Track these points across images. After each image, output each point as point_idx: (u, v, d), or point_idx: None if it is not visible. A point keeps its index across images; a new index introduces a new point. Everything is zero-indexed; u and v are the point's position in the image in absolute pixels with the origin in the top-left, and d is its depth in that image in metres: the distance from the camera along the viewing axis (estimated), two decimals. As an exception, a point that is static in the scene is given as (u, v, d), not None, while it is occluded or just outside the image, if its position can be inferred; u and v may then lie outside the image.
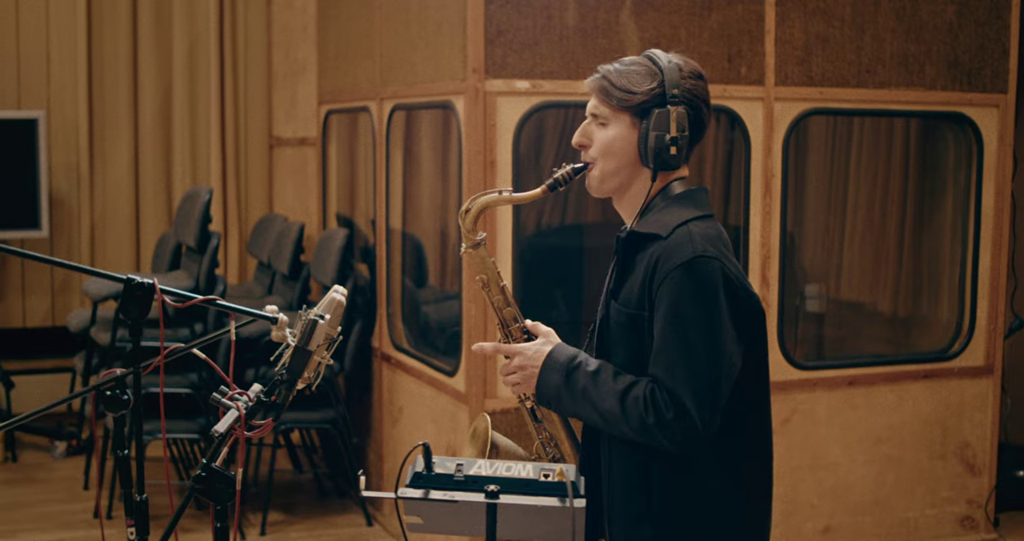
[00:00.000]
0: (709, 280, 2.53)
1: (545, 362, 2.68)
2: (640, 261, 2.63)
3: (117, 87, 7.57)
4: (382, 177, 5.96)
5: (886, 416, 5.56)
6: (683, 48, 5.05)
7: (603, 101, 2.69)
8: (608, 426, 2.60)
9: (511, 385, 2.76)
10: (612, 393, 2.56)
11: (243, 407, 2.70)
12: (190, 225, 6.26)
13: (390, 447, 5.97)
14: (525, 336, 2.80)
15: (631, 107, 2.65)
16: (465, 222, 2.80)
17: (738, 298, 2.57)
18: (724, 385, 2.53)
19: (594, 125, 2.72)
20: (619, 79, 2.67)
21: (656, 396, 2.50)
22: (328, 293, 2.78)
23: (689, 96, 2.65)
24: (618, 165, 2.69)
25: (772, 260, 5.28)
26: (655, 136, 2.62)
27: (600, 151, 2.70)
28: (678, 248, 2.56)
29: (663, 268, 2.55)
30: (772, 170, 5.24)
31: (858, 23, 5.31)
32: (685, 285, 2.52)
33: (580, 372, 2.62)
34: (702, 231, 2.60)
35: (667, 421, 2.48)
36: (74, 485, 6.52)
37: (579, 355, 2.67)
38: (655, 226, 2.63)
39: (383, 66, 5.86)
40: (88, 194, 7.54)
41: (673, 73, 2.65)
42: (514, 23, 4.85)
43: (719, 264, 2.55)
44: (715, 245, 2.59)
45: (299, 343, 2.70)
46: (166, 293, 2.90)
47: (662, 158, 2.64)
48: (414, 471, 2.35)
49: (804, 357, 5.83)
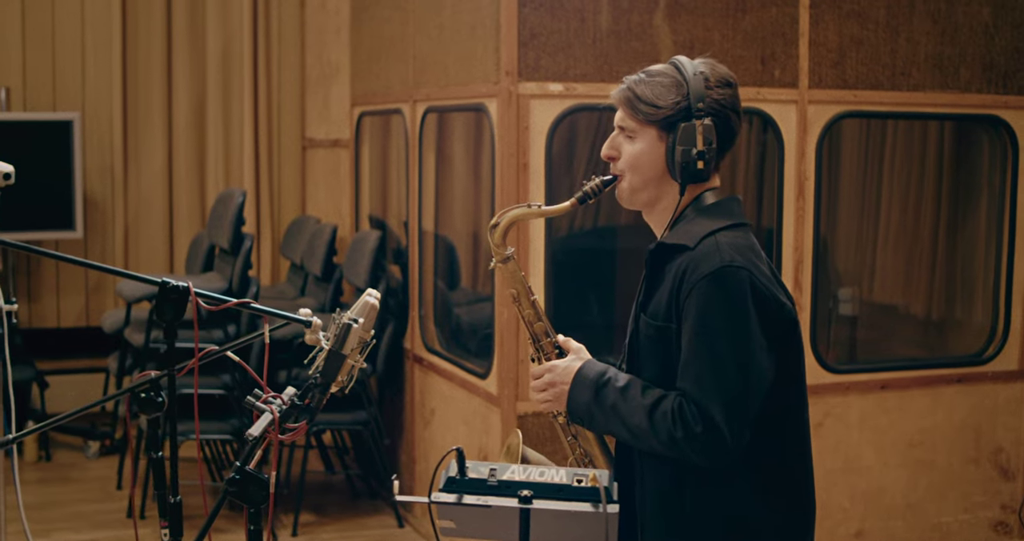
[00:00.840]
0: (737, 290, 2.50)
1: (575, 379, 2.66)
2: (668, 272, 2.60)
3: (151, 89, 7.62)
4: (415, 179, 5.97)
5: (919, 420, 5.53)
6: (716, 51, 5.04)
7: (629, 114, 2.67)
8: (638, 442, 2.59)
9: (541, 402, 2.75)
10: (640, 408, 2.54)
11: (277, 410, 2.71)
12: (223, 227, 6.29)
13: (422, 449, 5.99)
14: (556, 351, 2.78)
15: (657, 121, 2.62)
16: (494, 237, 2.78)
17: (768, 307, 2.53)
18: (754, 397, 2.50)
19: (622, 137, 2.70)
20: (644, 92, 2.64)
21: (684, 410, 2.48)
22: (361, 297, 2.79)
23: (716, 107, 2.62)
24: (646, 178, 2.67)
25: (805, 264, 5.26)
26: (681, 151, 2.60)
27: (628, 165, 2.68)
28: (705, 258, 2.53)
29: (690, 279, 2.52)
30: (805, 173, 5.23)
31: (892, 25, 5.29)
32: (712, 295, 2.50)
33: (609, 388, 2.61)
34: (730, 241, 2.57)
35: (696, 435, 2.46)
36: (107, 485, 6.56)
37: (608, 371, 2.65)
38: (683, 237, 2.61)
39: (416, 68, 5.88)
40: (122, 195, 7.59)
41: (698, 84, 2.61)
42: (547, 26, 4.85)
43: (747, 273, 2.52)
44: (743, 254, 2.55)
45: (333, 347, 2.71)
46: (200, 296, 2.91)
47: (690, 172, 2.61)
48: (447, 476, 2.35)
49: (836, 360, 5.81)
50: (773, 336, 2.55)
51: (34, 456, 6.98)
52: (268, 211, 7.76)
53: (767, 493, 2.63)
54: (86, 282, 7.67)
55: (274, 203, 7.83)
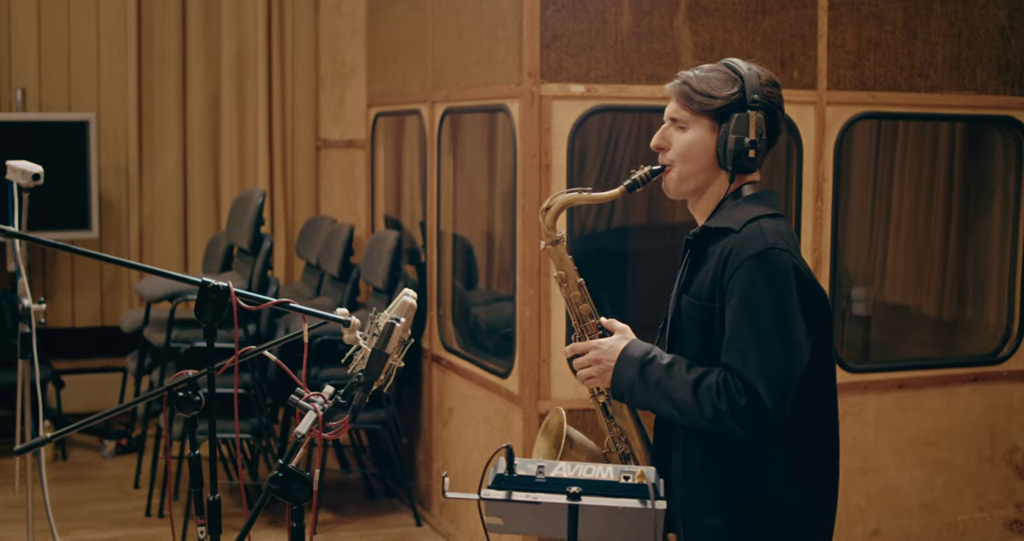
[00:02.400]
0: (781, 271, 2.58)
1: (621, 356, 2.74)
2: (712, 254, 2.70)
3: (166, 90, 7.65)
4: (433, 180, 6.00)
5: (935, 419, 5.57)
6: (736, 52, 5.07)
7: (683, 105, 2.77)
8: (682, 416, 2.65)
9: (585, 379, 2.82)
10: (685, 383, 2.62)
11: (320, 409, 2.75)
12: (243, 227, 6.32)
13: (439, 448, 6.02)
14: (600, 332, 2.86)
15: (711, 111, 2.73)
16: (546, 219, 2.87)
17: (809, 291, 2.62)
18: (795, 374, 2.57)
19: (673, 129, 2.80)
20: (700, 84, 2.75)
21: (729, 383, 2.56)
22: (399, 297, 2.83)
23: (767, 102, 2.74)
24: (696, 168, 2.76)
25: (823, 265, 5.30)
26: (735, 139, 2.70)
27: (679, 154, 2.77)
28: (750, 240, 2.62)
29: (735, 259, 2.61)
30: (824, 175, 5.26)
31: (910, 27, 5.33)
32: (757, 275, 2.58)
33: (654, 365, 2.68)
34: (773, 227, 2.66)
35: (740, 407, 2.54)
36: (124, 483, 6.59)
37: (653, 349, 2.74)
38: (727, 221, 2.70)
39: (435, 69, 5.91)
40: (137, 195, 7.63)
41: (753, 79, 2.73)
42: (569, 28, 4.89)
43: (790, 256, 2.61)
44: (786, 240, 2.65)
45: (376, 346, 2.75)
46: (240, 296, 2.94)
47: (740, 161, 2.71)
48: (496, 472, 2.39)
49: (851, 360, 5.84)
50: (812, 320, 2.63)
51: (50, 455, 7.01)
52: (282, 211, 7.80)
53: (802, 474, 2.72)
54: (101, 282, 7.71)
55: (288, 203, 7.87)
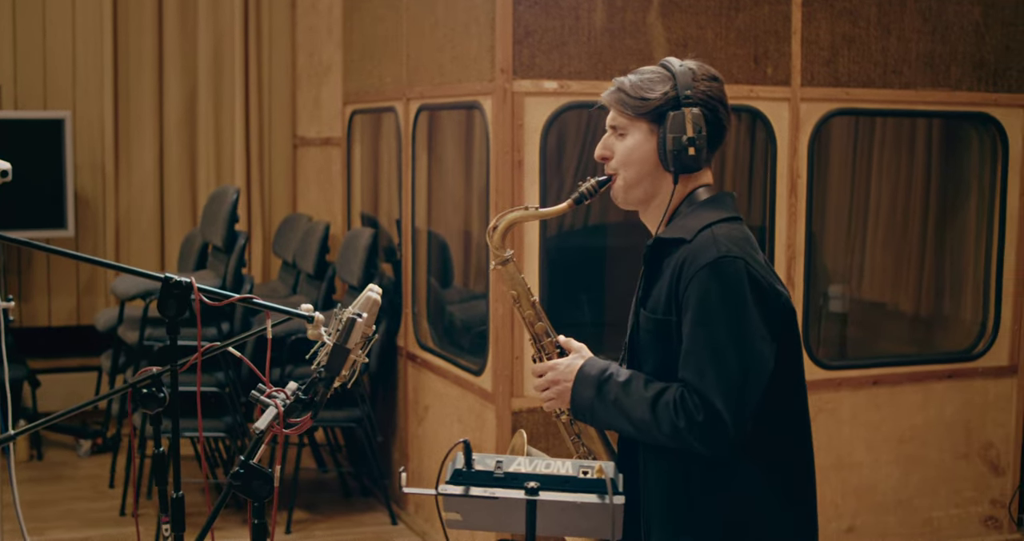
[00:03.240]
0: (734, 280, 2.54)
1: (577, 376, 2.70)
2: (666, 266, 2.65)
3: (142, 87, 7.61)
4: (408, 177, 5.98)
5: (910, 416, 5.57)
6: (709, 48, 5.07)
7: (620, 112, 2.73)
8: (642, 435, 2.62)
9: (545, 401, 2.78)
10: (643, 401, 2.57)
11: (282, 404, 2.73)
12: (217, 224, 6.29)
13: (415, 446, 6.00)
14: (558, 350, 2.82)
15: (646, 113, 2.68)
16: (493, 240, 2.83)
17: (766, 297, 2.57)
18: (754, 385, 2.53)
19: (614, 137, 2.75)
20: (633, 88, 2.70)
21: (686, 399, 2.52)
22: (364, 292, 2.81)
23: (703, 97, 2.68)
24: (640, 173, 2.72)
25: (797, 261, 5.29)
26: (672, 138, 2.65)
27: (621, 161, 2.73)
28: (702, 250, 2.57)
29: (688, 271, 2.57)
30: (798, 171, 5.26)
31: (884, 23, 5.33)
32: (711, 286, 2.53)
33: (611, 383, 2.64)
34: (726, 233, 2.61)
35: (698, 423, 2.49)
36: (99, 483, 6.56)
37: (610, 367, 2.69)
38: (680, 230, 2.65)
39: (410, 67, 5.89)
40: (113, 194, 7.59)
41: (685, 76, 2.68)
42: (542, 24, 4.87)
43: (743, 263, 2.55)
44: (740, 245, 2.59)
45: (338, 341, 2.73)
46: (203, 292, 2.92)
47: (681, 160, 2.66)
48: (454, 468, 2.37)
49: (827, 357, 5.84)
50: (772, 326, 2.58)
51: (25, 455, 6.98)
52: (259, 209, 7.77)
53: (774, 487, 2.66)
54: (77, 281, 7.67)
55: (265, 201, 7.84)
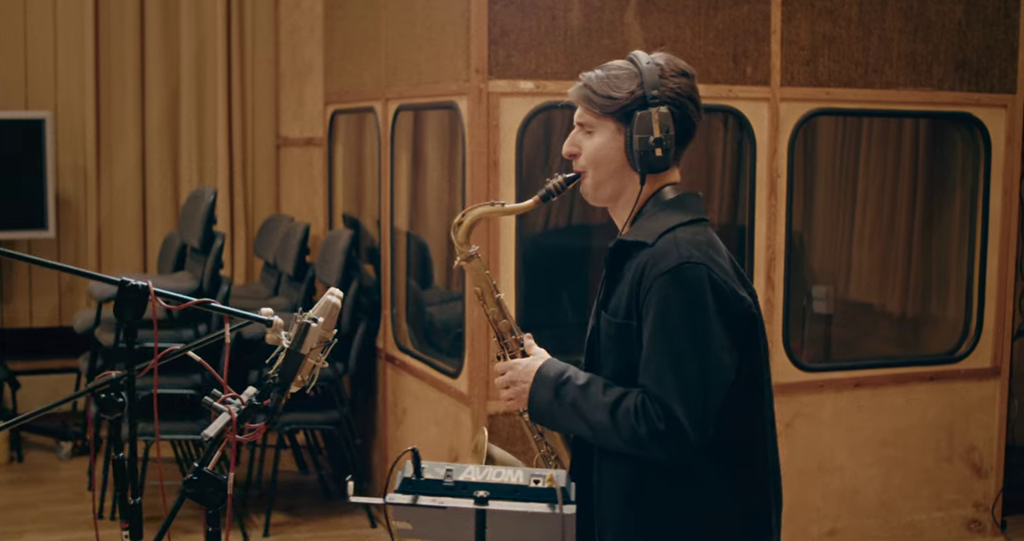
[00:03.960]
0: (696, 287, 2.50)
1: (536, 377, 2.66)
2: (628, 270, 2.60)
3: (124, 87, 7.56)
4: (387, 177, 5.94)
5: (892, 418, 5.53)
6: (688, 48, 5.02)
7: (587, 109, 2.68)
8: (600, 439, 2.58)
9: (505, 401, 2.75)
10: (602, 406, 2.53)
11: (235, 411, 2.68)
12: (194, 226, 6.24)
13: (394, 449, 5.95)
14: (522, 348, 2.78)
15: (613, 112, 2.63)
16: (458, 235, 2.78)
17: (728, 303, 2.53)
18: (715, 393, 2.49)
19: (582, 134, 2.71)
20: (600, 85, 2.65)
21: (647, 406, 2.47)
22: (324, 296, 2.77)
23: (672, 95, 2.62)
24: (608, 172, 2.67)
25: (777, 262, 5.25)
26: (639, 139, 2.60)
27: (589, 160, 2.69)
28: (664, 255, 2.53)
29: (649, 275, 2.52)
30: (777, 171, 5.21)
31: (865, 23, 5.28)
32: (671, 292, 2.49)
33: (569, 386, 2.60)
34: (689, 237, 2.57)
35: (659, 431, 2.45)
36: (79, 485, 6.51)
37: (568, 369, 2.65)
38: (642, 233, 2.60)
39: (388, 66, 5.85)
40: (95, 195, 7.53)
41: (652, 73, 2.61)
42: (518, 23, 4.83)
43: (705, 269, 2.51)
44: (701, 250, 2.55)
45: (292, 346, 2.69)
46: (160, 296, 2.87)
47: (649, 161, 2.61)
48: (403, 476, 2.33)
49: (812, 358, 5.80)
50: (734, 333, 2.54)
51: (5, 457, 6.93)
52: (242, 210, 7.72)
53: (732, 493, 2.62)
54: (59, 282, 7.61)
55: (248, 202, 7.79)
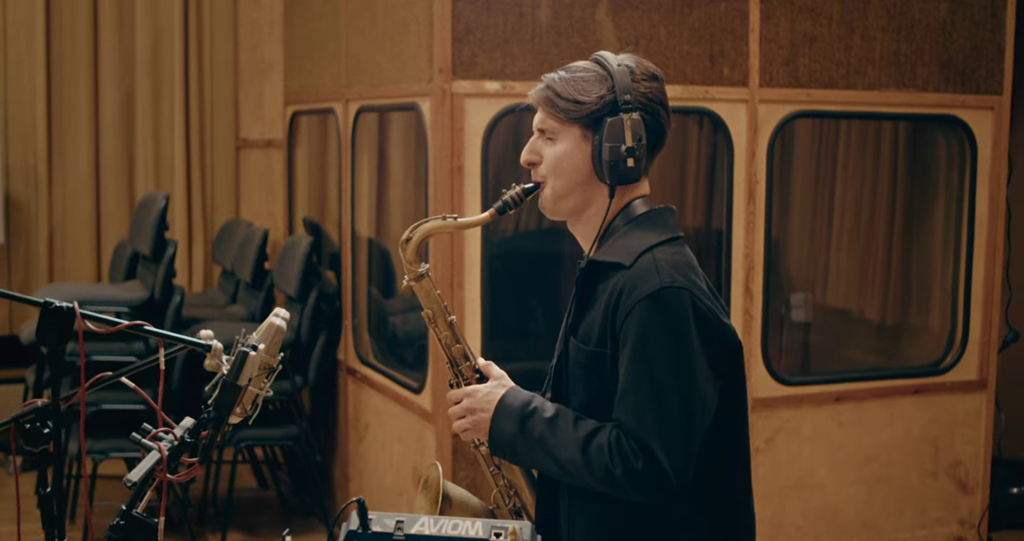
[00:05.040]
0: (678, 313, 2.27)
1: (498, 407, 2.41)
2: (601, 293, 2.37)
3: (77, 85, 7.25)
4: (348, 182, 5.68)
5: (875, 433, 5.31)
6: (662, 47, 4.79)
7: (550, 114, 2.43)
8: (570, 477, 2.35)
9: (461, 431, 2.49)
10: (573, 441, 2.30)
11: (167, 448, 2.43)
12: (145, 233, 5.96)
13: (356, 466, 5.69)
14: (477, 375, 2.53)
15: (580, 118, 2.40)
16: (406, 253, 2.53)
17: (711, 331, 2.31)
18: (698, 429, 2.28)
19: (542, 140, 2.46)
20: (565, 88, 2.41)
21: (623, 443, 2.25)
22: (267, 318, 2.53)
23: (644, 100, 2.40)
24: (571, 183, 2.44)
25: (756, 271, 5.02)
26: (609, 148, 2.37)
27: (550, 169, 2.45)
28: (643, 278, 2.30)
29: (627, 301, 2.29)
30: (756, 176, 4.98)
31: (847, 21, 5.06)
32: (651, 319, 2.27)
33: (536, 418, 2.36)
34: (669, 258, 2.34)
35: (636, 471, 2.23)
36: (27, 502, 6.23)
37: (534, 399, 2.41)
38: (617, 253, 2.37)
39: (348, 66, 5.59)
40: (46, 198, 7.22)
41: (624, 76, 2.39)
42: (483, 21, 4.58)
43: (688, 295, 2.29)
44: (684, 273, 2.33)
45: (228, 377, 2.44)
46: (88, 318, 2.62)
47: (619, 172, 2.39)
48: (348, 529, 2.08)
49: (789, 367, 5.59)
50: (717, 363, 2.32)
51: (-49, 471, 6.66)
52: (200, 214, 7.43)
53: (707, 529, 2.41)
54: (9, 288, 7.31)
55: (207, 206, 7.50)
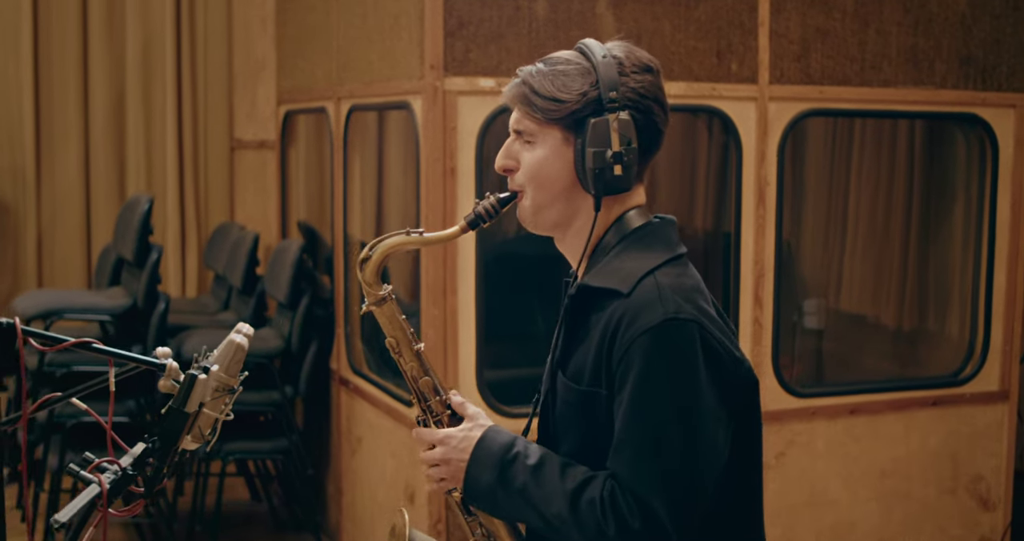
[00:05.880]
0: (685, 349, 1.98)
1: (474, 453, 2.12)
2: (595, 323, 2.08)
3: (66, 85, 7.01)
4: (340, 183, 5.45)
5: (891, 447, 5.07)
6: (667, 42, 4.55)
7: (526, 113, 2.14)
8: (556, 533, 2.06)
9: (434, 481, 2.20)
10: (560, 494, 2.02)
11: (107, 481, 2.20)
12: (128, 237, 5.73)
13: (349, 479, 5.46)
14: (448, 412, 2.24)
15: (560, 119, 2.11)
16: (366, 274, 2.24)
17: (723, 369, 2.02)
18: (705, 482, 1.99)
19: (519, 143, 2.18)
20: (543, 84, 2.12)
21: (617, 499, 1.97)
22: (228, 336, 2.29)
23: (634, 97, 2.10)
24: (552, 194, 2.15)
25: (766, 278, 4.77)
26: (593, 153, 2.08)
27: (529, 177, 2.16)
28: (645, 308, 2.01)
29: (626, 334, 2.00)
30: (766, 178, 4.73)
31: (861, 15, 4.81)
32: (654, 356, 1.97)
33: (518, 466, 2.08)
34: (673, 282, 2.05)
35: (633, 531, 1.95)
36: (12, 517, 6.01)
37: (516, 443, 2.12)
38: (612, 278, 2.08)
39: (340, 63, 5.36)
40: (34, 200, 6.99)
41: (610, 69, 2.09)
42: (477, 14, 4.34)
43: (696, 327, 2.00)
44: (691, 301, 2.04)
45: (174, 403, 2.20)
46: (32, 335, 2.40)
47: (604, 180, 2.09)
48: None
49: (802, 376, 5.35)
50: (729, 405, 2.04)
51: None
52: (194, 217, 7.20)
53: None
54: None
55: (200, 209, 7.26)
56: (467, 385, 4.40)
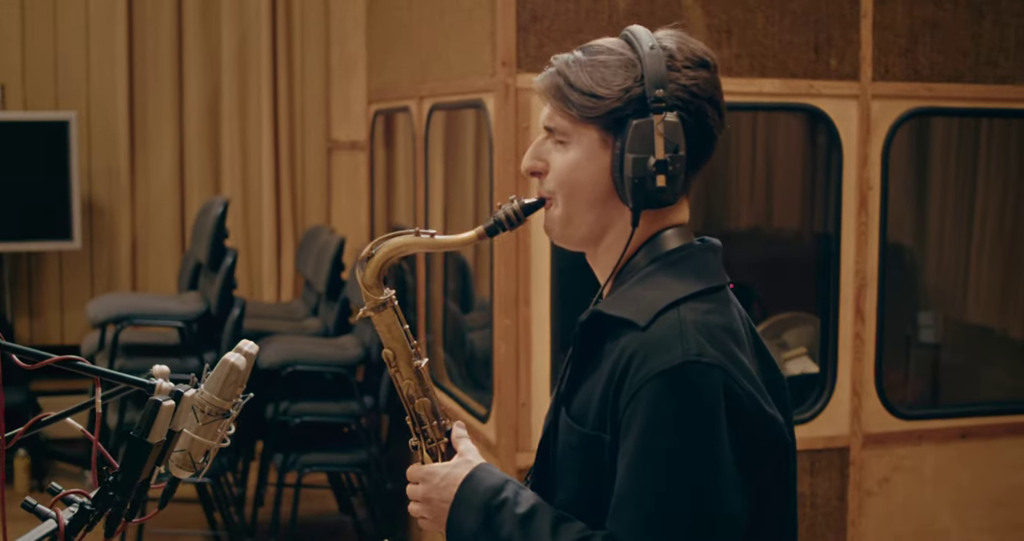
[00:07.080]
0: (704, 397, 1.68)
1: (458, 495, 1.84)
2: (607, 355, 1.77)
3: (160, 85, 6.94)
4: (421, 185, 5.24)
5: (1007, 474, 4.72)
6: (760, 36, 4.24)
7: (560, 110, 1.84)
8: None
9: (418, 519, 1.93)
10: None
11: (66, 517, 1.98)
12: (203, 241, 5.60)
13: (429, 495, 5.24)
14: (446, 439, 1.98)
15: (598, 117, 1.80)
16: (366, 275, 1.95)
17: (748, 425, 1.71)
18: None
19: (550, 143, 1.88)
20: (579, 76, 1.81)
21: None
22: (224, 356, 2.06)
23: (685, 96, 1.79)
24: (586, 203, 1.85)
25: (869, 289, 4.44)
26: (633, 160, 1.77)
27: (559, 181, 1.85)
28: (661, 346, 1.70)
29: (637, 375, 1.70)
30: (869, 182, 4.40)
31: (975, 5, 4.45)
32: (666, 404, 1.67)
33: (505, 513, 1.78)
34: (700, 319, 1.74)
35: None
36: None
37: (505, 487, 1.83)
38: (629, 307, 1.78)
39: (422, 60, 5.15)
40: (128, 202, 6.92)
41: (658, 62, 1.78)
42: (553, 7, 4.07)
43: (720, 373, 1.69)
44: (718, 341, 1.72)
45: (136, 432, 1.97)
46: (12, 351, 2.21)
47: (644, 192, 1.79)
48: None
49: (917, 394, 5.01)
50: (752, 466, 1.73)
51: (26, 486, 6.38)
52: (289, 220, 7.06)
53: None
54: (92, 295, 7.00)
55: (297, 211, 7.12)
56: (541, 400, 4.14)
